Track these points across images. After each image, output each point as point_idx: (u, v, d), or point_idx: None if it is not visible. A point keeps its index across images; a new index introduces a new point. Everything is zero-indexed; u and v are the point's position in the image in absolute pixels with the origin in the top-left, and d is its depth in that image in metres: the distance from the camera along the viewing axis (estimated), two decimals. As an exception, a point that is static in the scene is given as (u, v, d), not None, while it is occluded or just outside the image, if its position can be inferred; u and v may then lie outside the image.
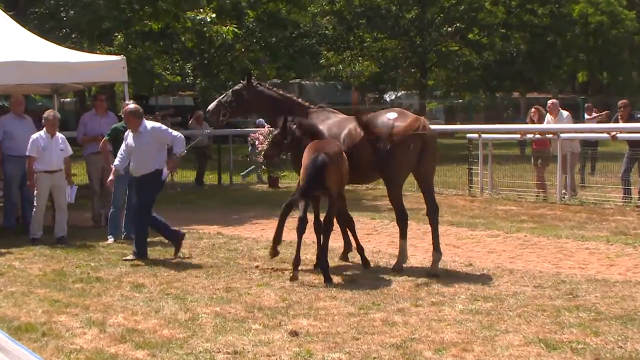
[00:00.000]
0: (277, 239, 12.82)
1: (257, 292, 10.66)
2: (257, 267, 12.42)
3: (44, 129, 14.96)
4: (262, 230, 16.22)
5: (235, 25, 34.73)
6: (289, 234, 13.33)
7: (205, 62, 41.73)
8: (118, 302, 10.21)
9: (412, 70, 46.79)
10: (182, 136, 13.68)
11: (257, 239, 14.94)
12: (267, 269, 12.15)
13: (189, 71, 44.54)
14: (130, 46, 33.09)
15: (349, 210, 12.95)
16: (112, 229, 15.06)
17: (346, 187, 12.62)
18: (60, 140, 15.00)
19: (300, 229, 11.65)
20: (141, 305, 9.99)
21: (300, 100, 13.80)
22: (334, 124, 12.74)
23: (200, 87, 41.79)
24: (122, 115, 14.24)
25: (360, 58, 46.64)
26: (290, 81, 45.91)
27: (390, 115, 12.36)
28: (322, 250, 11.60)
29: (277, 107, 13.21)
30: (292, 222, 12.96)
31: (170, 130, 13.77)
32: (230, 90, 13.90)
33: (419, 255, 13.16)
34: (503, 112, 55.40)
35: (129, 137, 13.45)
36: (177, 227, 15.02)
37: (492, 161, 21.48)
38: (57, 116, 15.21)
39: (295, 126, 12.10)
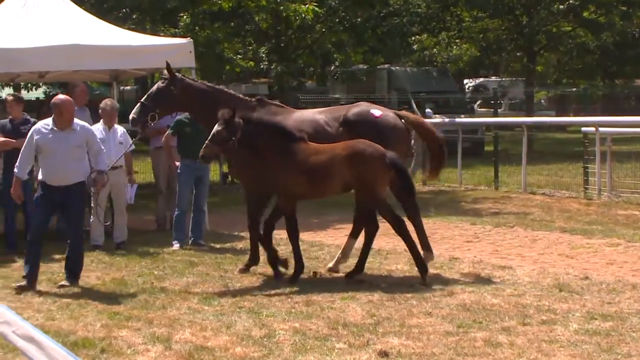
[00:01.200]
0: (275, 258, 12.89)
1: (341, 306, 10.69)
2: (347, 275, 12.48)
3: (101, 120, 15.17)
4: (346, 236, 16.20)
5: (315, 4, 34.93)
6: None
7: (282, 45, 41.76)
8: (185, 315, 10.33)
9: (518, 54, 46.32)
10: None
11: (342, 246, 14.92)
12: (353, 280, 12.15)
13: (263, 55, 44.67)
14: (197, 27, 33.46)
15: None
16: (178, 234, 15.21)
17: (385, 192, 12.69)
18: (119, 133, 15.19)
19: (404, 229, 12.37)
20: (211, 319, 10.09)
21: (234, 93, 13.73)
22: (291, 121, 12.87)
23: (276, 74, 41.93)
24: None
25: (458, 40, 46.37)
26: (378, 67, 45.80)
27: (376, 112, 13.02)
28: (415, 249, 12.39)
29: (211, 101, 12.95)
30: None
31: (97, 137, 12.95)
32: (155, 89, 13.38)
33: (527, 266, 13.06)
34: (624, 102, 54.70)
35: (49, 135, 12.02)
36: (246, 233, 15.27)
37: (612, 159, 21.22)
38: (115, 106, 15.43)
39: (243, 122, 11.94)
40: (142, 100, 13.29)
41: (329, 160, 11.89)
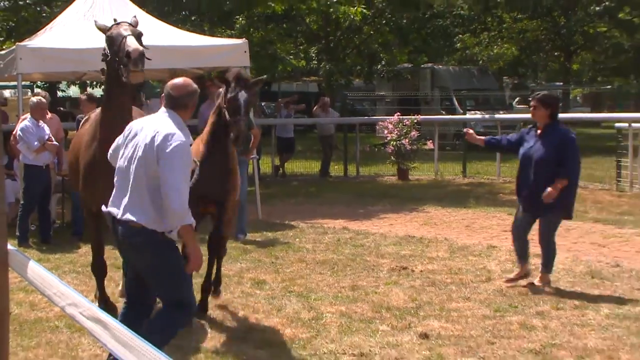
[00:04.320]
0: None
1: (385, 291, 10.73)
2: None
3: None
4: (390, 225, 16.27)
5: (363, 6, 34.93)
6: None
7: (331, 45, 41.93)
8: (238, 299, 10.40)
9: (556, 53, 46.13)
10: None
11: (385, 235, 14.99)
12: (396, 266, 12.18)
13: (314, 55, 44.84)
14: (252, 29, 33.66)
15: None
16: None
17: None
18: None
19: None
20: (262, 302, 10.16)
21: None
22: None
23: (325, 72, 42.02)
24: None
25: (498, 40, 46.18)
26: (422, 66, 45.74)
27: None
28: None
29: None
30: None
31: None
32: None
33: (561, 254, 12.99)
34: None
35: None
36: (296, 222, 15.36)
37: (644, 153, 21.03)
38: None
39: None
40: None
41: None
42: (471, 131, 11.98)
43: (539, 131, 10.77)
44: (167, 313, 7.05)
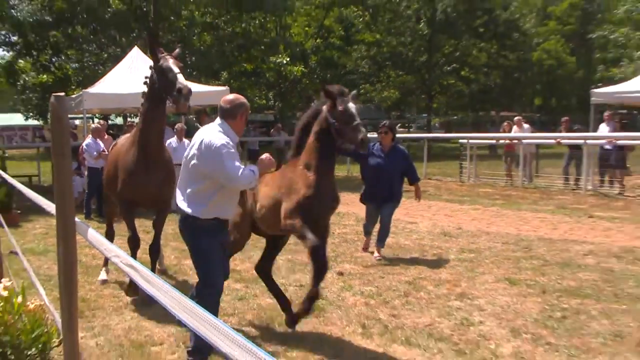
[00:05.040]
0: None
1: (315, 245, 10.72)
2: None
3: (175, 136, 15.15)
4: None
5: (302, 66, 34.86)
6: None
7: (282, 91, 41.80)
8: (224, 251, 10.33)
9: (422, 96, 46.48)
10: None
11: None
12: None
13: (271, 97, 44.67)
14: (232, 80, 33.40)
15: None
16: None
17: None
18: (186, 144, 15.11)
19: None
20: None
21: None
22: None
23: (277, 108, 41.93)
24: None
25: (387, 88, 46.35)
26: (340, 104, 45.83)
27: None
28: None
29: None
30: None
31: None
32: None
33: (425, 221, 13.14)
34: (484, 126, 54.84)
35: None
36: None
37: (476, 158, 21.30)
38: (183, 127, 15.40)
39: None
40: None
41: None
42: None
43: (383, 149, 10.02)
44: (197, 290, 5.58)
